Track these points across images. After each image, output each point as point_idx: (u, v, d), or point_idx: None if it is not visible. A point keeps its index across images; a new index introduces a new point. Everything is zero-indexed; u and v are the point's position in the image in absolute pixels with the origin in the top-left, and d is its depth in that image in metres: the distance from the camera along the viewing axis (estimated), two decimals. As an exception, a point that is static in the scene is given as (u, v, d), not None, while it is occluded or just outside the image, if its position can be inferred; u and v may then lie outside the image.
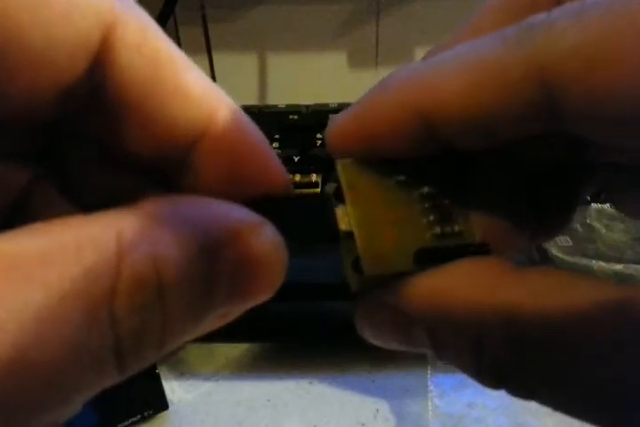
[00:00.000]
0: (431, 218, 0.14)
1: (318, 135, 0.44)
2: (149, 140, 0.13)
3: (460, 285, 0.12)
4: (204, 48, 0.51)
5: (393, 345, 0.14)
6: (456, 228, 0.14)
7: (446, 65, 0.12)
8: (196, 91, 0.13)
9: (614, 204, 0.16)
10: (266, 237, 0.11)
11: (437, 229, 0.14)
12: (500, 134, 0.12)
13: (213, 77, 0.53)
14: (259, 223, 0.11)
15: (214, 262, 0.11)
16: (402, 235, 0.14)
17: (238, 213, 0.11)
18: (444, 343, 0.13)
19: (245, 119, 0.14)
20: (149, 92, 0.12)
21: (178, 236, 0.10)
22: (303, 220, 0.14)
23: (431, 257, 0.13)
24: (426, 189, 0.14)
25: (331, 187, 0.14)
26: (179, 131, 0.13)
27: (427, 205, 0.14)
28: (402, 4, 0.49)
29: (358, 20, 0.49)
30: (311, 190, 0.38)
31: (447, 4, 0.49)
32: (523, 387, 0.12)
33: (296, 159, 0.41)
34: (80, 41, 0.11)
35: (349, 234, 0.13)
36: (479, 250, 0.14)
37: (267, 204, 0.13)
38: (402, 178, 0.14)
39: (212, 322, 0.12)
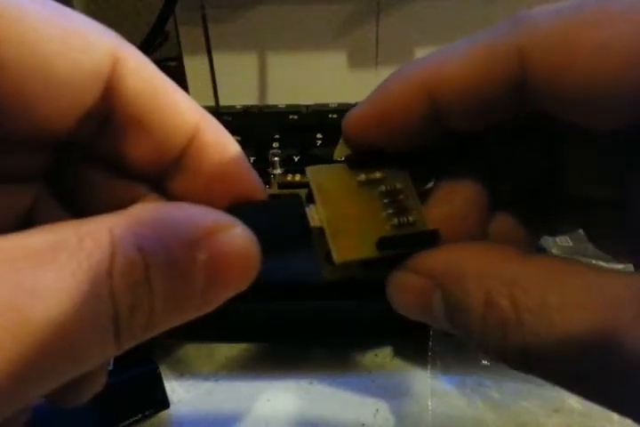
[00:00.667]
0: (389, 211, 0.16)
1: (318, 135, 0.44)
2: (149, 148, 0.15)
3: (471, 257, 0.14)
4: (203, 48, 0.51)
5: (418, 316, 0.16)
6: (410, 218, 0.16)
7: (451, 50, 0.15)
8: (184, 105, 0.16)
9: (592, 242, 0.18)
10: (236, 234, 0.13)
11: (395, 221, 0.16)
12: (490, 112, 0.15)
13: (213, 77, 0.53)
14: (231, 223, 0.13)
15: (191, 253, 0.12)
16: (365, 227, 0.16)
17: (213, 215, 0.13)
18: (455, 309, 0.14)
19: (221, 127, 0.16)
20: (149, 109, 0.15)
21: (159, 230, 0.12)
22: (275, 221, 0.16)
23: (391, 244, 0.16)
24: (383, 188, 0.16)
25: (303, 192, 0.16)
26: (173, 138, 0.15)
27: (385, 201, 0.16)
28: (402, 4, 0.49)
29: (358, 20, 0.49)
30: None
31: (447, 3, 0.49)
32: (522, 358, 0.13)
33: (296, 159, 0.41)
34: (95, 70, 0.14)
35: (320, 229, 0.15)
36: (430, 235, 0.16)
37: (241, 209, 0.15)
38: (363, 179, 0.16)
39: (196, 308, 0.13)
